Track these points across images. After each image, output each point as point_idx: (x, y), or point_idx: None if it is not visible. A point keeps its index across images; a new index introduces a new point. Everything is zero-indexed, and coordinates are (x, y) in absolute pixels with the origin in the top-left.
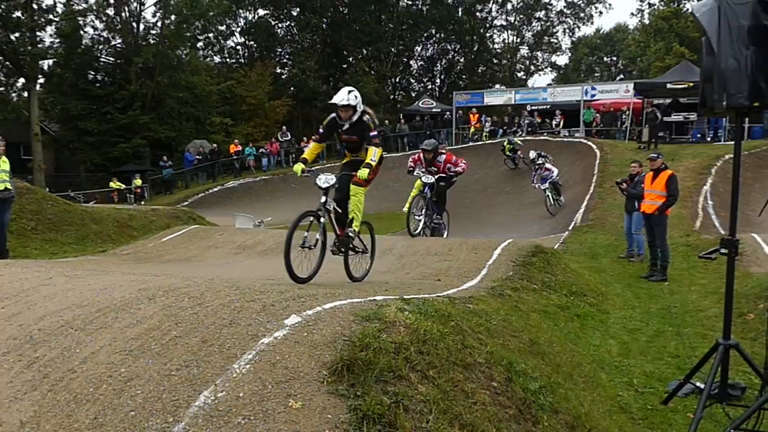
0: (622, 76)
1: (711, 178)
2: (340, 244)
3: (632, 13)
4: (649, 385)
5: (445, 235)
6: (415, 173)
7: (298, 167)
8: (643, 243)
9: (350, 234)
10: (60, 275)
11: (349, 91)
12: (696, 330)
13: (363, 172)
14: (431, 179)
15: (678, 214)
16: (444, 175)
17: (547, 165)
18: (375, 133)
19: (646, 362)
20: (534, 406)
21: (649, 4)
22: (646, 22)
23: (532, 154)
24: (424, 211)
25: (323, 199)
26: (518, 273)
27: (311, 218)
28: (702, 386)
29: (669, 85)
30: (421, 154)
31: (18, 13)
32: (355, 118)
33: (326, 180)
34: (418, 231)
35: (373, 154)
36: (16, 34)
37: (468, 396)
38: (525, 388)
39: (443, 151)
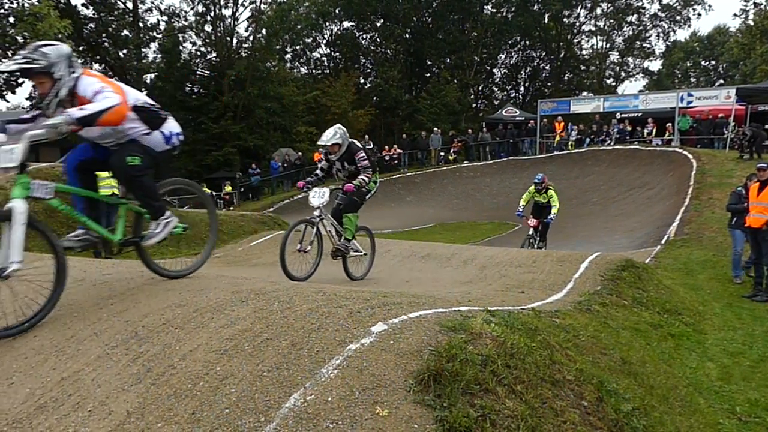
0: (722, 81)
1: None
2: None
3: (735, 14)
4: (755, 414)
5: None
6: None
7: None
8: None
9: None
10: None
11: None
12: None
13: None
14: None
15: None
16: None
17: None
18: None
19: (750, 389)
20: (627, 428)
21: (755, 3)
22: (751, 23)
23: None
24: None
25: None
26: (607, 288)
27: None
28: None
29: None
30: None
31: (126, 32)
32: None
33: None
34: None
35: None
36: (124, 51)
37: (557, 414)
38: (617, 409)
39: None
